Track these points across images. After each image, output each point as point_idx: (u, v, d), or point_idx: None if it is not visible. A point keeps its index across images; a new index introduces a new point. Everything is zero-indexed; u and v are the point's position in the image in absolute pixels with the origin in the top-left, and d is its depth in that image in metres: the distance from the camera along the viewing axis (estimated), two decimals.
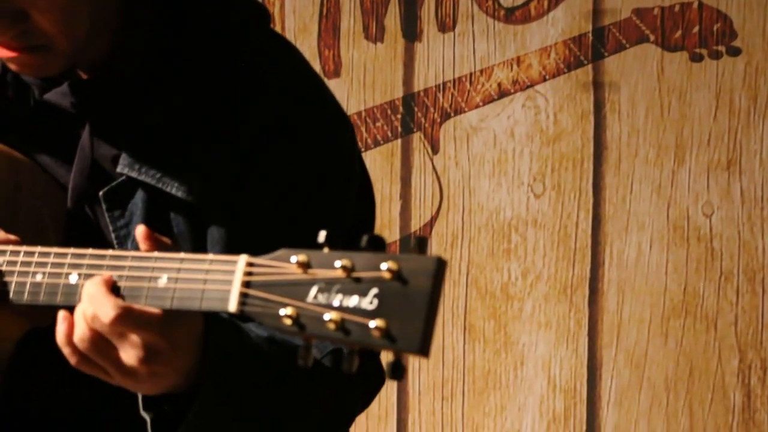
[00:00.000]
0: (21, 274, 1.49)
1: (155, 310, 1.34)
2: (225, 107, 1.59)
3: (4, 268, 1.51)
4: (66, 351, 1.39)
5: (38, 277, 1.47)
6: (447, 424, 2.42)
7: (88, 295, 1.36)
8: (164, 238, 1.39)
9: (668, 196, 2.32)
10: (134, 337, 1.35)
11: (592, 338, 2.35)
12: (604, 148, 2.38)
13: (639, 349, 2.30)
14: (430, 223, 2.46)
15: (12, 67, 1.57)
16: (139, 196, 1.58)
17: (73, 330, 1.37)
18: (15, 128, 1.64)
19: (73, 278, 1.43)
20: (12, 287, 1.49)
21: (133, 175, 1.57)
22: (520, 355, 2.38)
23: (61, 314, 1.39)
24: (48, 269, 1.46)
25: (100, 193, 1.58)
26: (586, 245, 2.36)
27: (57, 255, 1.46)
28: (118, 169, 1.58)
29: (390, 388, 2.45)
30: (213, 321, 1.41)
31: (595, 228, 2.37)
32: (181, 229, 1.57)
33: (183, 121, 1.58)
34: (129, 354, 1.35)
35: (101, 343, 1.36)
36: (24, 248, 1.50)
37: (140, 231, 1.38)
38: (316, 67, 2.50)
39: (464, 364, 2.42)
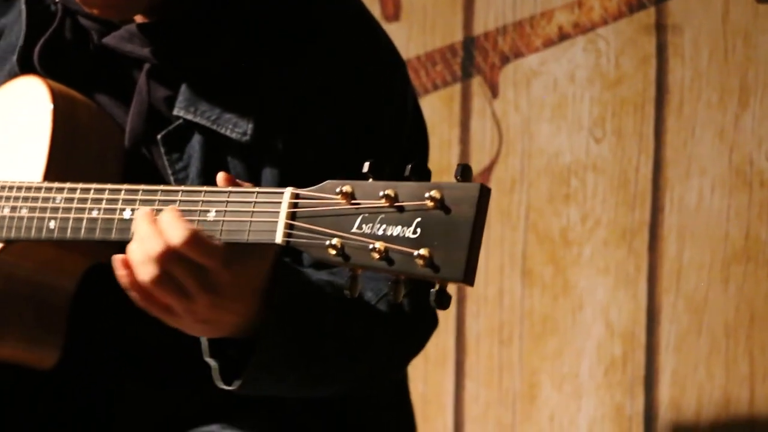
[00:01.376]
0: (78, 210, 1.53)
1: (219, 242, 1.36)
2: (278, 48, 1.60)
3: (61, 205, 1.54)
4: (132, 292, 1.41)
5: (94, 213, 1.51)
6: (504, 368, 2.42)
7: (162, 220, 1.37)
8: (246, 184, 1.40)
9: (731, 140, 2.27)
10: (198, 266, 1.37)
11: (652, 283, 2.32)
12: (666, 91, 2.34)
13: (699, 294, 2.27)
14: (489, 168, 2.45)
15: (94, 11, 1.59)
16: (196, 139, 1.60)
17: (136, 270, 1.39)
18: (75, 71, 1.67)
19: (127, 214, 1.46)
20: (70, 224, 1.53)
21: (189, 117, 1.59)
22: (578, 300, 2.37)
23: (119, 258, 1.41)
24: (103, 205, 1.50)
25: (159, 136, 1.61)
26: (647, 190, 2.33)
27: (111, 191, 1.49)
28: (174, 112, 1.60)
29: (448, 331, 2.45)
30: (278, 266, 1.43)
31: (655, 173, 2.33)
32: (237, 172, 1.59)
33: (237, 63, 1.60)
34: (191, 283, 1.37)
35: (165, 277, 1.38)
36: (80, 185, 1.53)
37: (220, 177, 1.40)
38: (376, 10, 2.49)
39: (522, 308, 2.41)
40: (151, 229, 1.38)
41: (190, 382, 1.66)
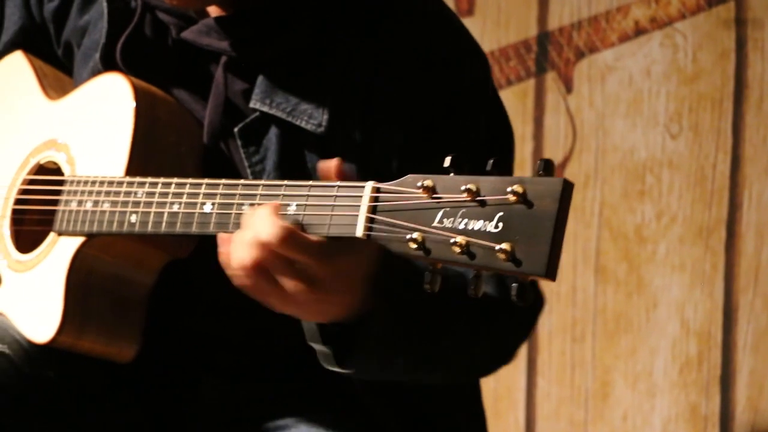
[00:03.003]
0: (159, 204, 1.54)
1: (316, 238, 1.36)
2: (352, 35, 1.60)
3: (143, 199, 1.56)
4: (230, 272, 1.41)
5: (175, 208, 1.52)
6: (577, 365, 2.40)
7: (258, 216, 1.38)
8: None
9: None
10: (295, 262, 1.37)
11: (729, 282, 2.29)
12: (745, 86, 2.30)
13: None
14: (563, 164, 2.43)
15: (174, 2, 1.61)
16: (273, 132, 1.61)
17: (234, 254, 1.39)
18: (153, 66, 1.69)
19: (207, 208, 1.47)
20: (151, 218, 1.54)
21: (265, 109, 1.60)
22: (652, 297, 2.35)
23: (223, 236, 1.41)
24: (184, 200, 1.51)
25: (235, 129, 1.62)
26: (724, 187, 2.30)
27: (192, 186, 1.50)
28: (251, 104, 1.61)
29: None
30: (385, 256, 1.42)
31: (733, 169, 2.30)
32: (313, 164, 1.59)
33: (312, 54, 1.60)
34: (287, 280, 1.37)
35: (260, 271, 1.38)
36: (161, 180, 1.54)
37: (330, 166, 1.39)
38: (450, 5, 2.48)
39: (595, 305, 2.39)
40: (248, 222, 1.38)
41: (265, 376, 1.67)
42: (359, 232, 1.30)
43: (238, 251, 1.38)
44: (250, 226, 1.37)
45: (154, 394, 1.74)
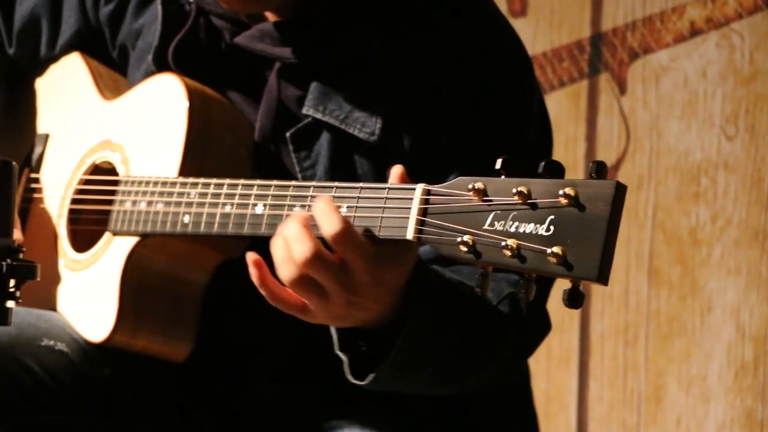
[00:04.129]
0: (211, 205, 1.55)
1: (370, 242, 1.35)
2: (405, 47, 1.60)
3: (196, 200, 1.57)
4: (263, 290, 1.41)
5: (227, 208, 1.53)
6: (629, 368, 2.38)
7: (316, 208, 1.37)
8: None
9: None
10: (344, 266, 1.36)
11: None
12: None
13: None
14: (616, 165, 2.41)
15: (230, 5, 1.62)
16: (325, 137, 1.61)
17: (278, 269, 1.39)
18: (208, 69, 1.70)
19: (259, 209, 1.47)
20: (203, 218, 1.55)
21: (318, 116, 1.61)
22: (707, 301, 2.32)
23: (252, 257, 1.40)
24: (236, 200, 1.52)
25: (287, 134, 1.62)
26: None
27: (244, 186, 1.51)
28: (303, 110, 1.62)
29: (572, 330, 2.43)
30: (419, 265, 1.42)
31: None
32: (364, 171, 1.59)
33: (365, 60, 1.61)
34: (333, 285, 1.37)
35: (306, 279, 1.37)
36: (214, 180, 1.55)
37: (396, 171, 1.38)
38: (502, 6, 2.47)
39: (648, 308, 2.37)
40: (302, 233, 1.36)
41: (318, 376, 1.67)
42: (410, 234, 1.30)
43: (285, 265, 1.37)
44: (304, 238, 1.35)
45: (207, 394, 1.75)
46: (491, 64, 1.61)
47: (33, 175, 1.87)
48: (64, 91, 1.90)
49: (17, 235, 1.67)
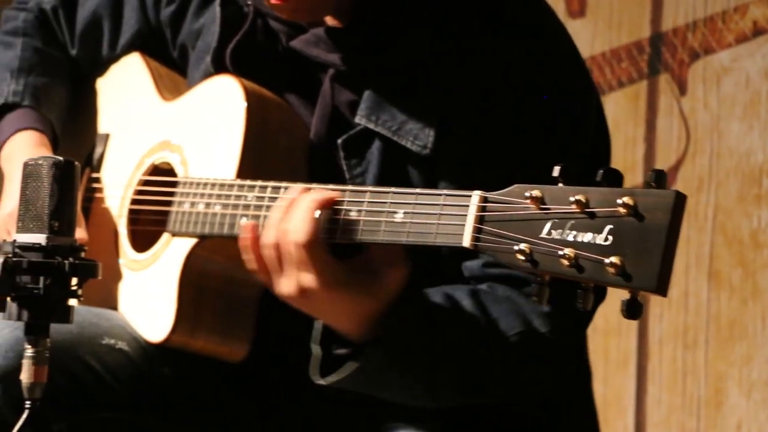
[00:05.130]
0: (268, 208, 1.55)
1: (332, 262, 1.41)
2: (459, 53, 1.59)
3: (253, 202, 1.58)
4: (247, 256, 1.46)
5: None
6: (689, 372, 2.36)
7: (297, 207, 1.43)
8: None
9: None
10: (303, 262, 1.43)
11: None
12: None
13: None
14: (676, 167, 2.39)
15: (283, 14, 1.62)
16: (376, 146, 1.61)
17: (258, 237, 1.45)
18: (265, 71, 1.71)
19: (316, 213, 1.47)
20: (260, 221, 1.56)
21: (370, 126, 1.60)
22: None
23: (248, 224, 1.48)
24: None
25: (339, 141, 1.62)
26: None
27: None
28: (356, 119, 1.61)
29: (630, 334, 2.41)
30: (400, 300, 1.45)
31: None
32: (415, 180, 1.59)
33: (420, 69, 1.60)
34: (288, 271, 1.44)
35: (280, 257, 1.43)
36: (271, 183, 1.56)
37: None
38: (561, 6, 2.46)
39: (708, 311, 2.34)
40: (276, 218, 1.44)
41: None
42: (466, 242, 1.30)
43: (267, 233, 1.44)
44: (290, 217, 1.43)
45: (263, 394, 1.76)
46: (546, 70, 1.59)
47: (94, 175, 1.89)
48: (125, 91, 1.92)
49: (81, 234, 1.69)
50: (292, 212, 1.45)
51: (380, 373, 1.48)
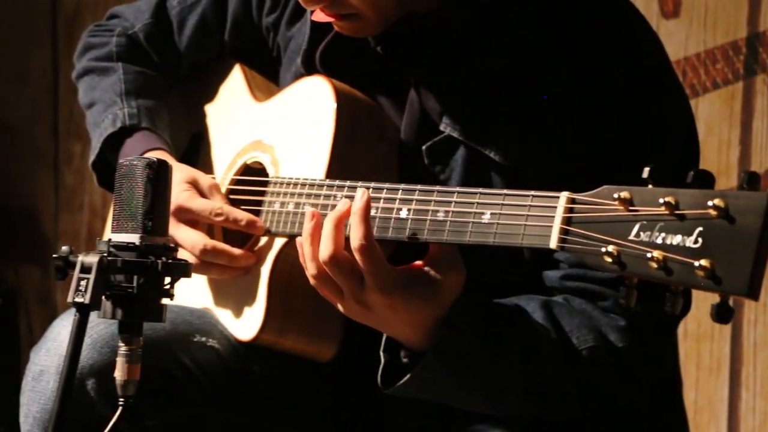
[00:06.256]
0: None
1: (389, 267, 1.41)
2: (546, 64, 1.58)
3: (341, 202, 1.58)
4: (306, 265, 1.47)
5: (372, 212, 1.54)
6: None
7: (353, 215, 1.44)
8: None
9: None
10: (362, 271, 1.43)
11: None
12: None
13: None
14: None
15: (335, 27, 1.64)
16: (460, 153, 1.61)
17: (313, 246, 1.45)
18: (355, 72, 1.72)
19: (403, 213, 1.48)
20: (347, 221, 1.57)
21: (455, 134, 1.60)
22: None
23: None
24: (380, 204, 1.52)
25: (423, 147, 1.63)
26: None
27: (389, 190, 1.51)
28: (441, 127, 1.62)
29: (723, 339, 2.36)
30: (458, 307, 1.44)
31: None
32: (498, 187, 1.57)
33: (503, 80, 1.59)
34: (347, 284, 1.44)
35: (340, 265, 1.44)
36: (360, 184, 1.56)
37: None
38: (654, 7, 2.42)
39: None
40: (330, 233, 1.44)
41: None
42: (553, 243, 1.29)
43: (322, 243, 1.45)
44: (325, 237, 1.45)
45: (350, 394, 1.77)
46: (635, 74, 1.57)
47: None
48: (218, 92, 1.95)
49: (222, 200, 1.72)
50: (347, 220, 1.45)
51: (438, 380, 1.48)
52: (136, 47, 1.93)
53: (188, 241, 1.70)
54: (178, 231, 1.71)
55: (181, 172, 1.75)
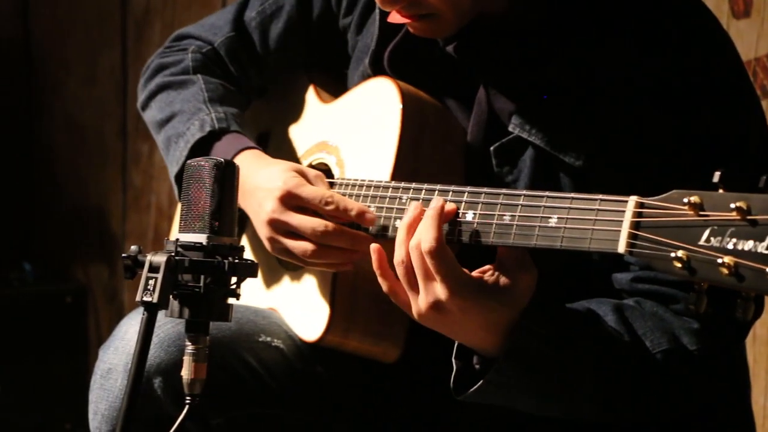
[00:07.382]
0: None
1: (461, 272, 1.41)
2: (617, 67, 1.56)
3: (407, 205, 1.58)
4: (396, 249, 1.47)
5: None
6: None
7: (426, 215, 1.44)
8: None
9: None
10: (429, 275, 1.43)
11: None
12: None
13: None
14: None
15: (410, 29, 1.64)
16: (529, 154, 1.60)
17: (409, 233, 1.46)
18: (423, 73, 1.72)
19: (469, 216, 1.47)
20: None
21: (524, 135, 1.59)
22: None
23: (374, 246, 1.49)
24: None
25: (491, 148, 1.62)
26: None
27: (455, 193, 1.51)
28: (510, 128, 1.61)
29: None
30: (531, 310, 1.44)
31: None
32: (567, 189, 1.57)
33: (575, 81, 1.58)
34: (423, 279, 1.44)
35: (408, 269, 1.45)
36: (425, 186, 1.56)
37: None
38: (724, 6, 2.38)
39: None
40: (431, 223, 1.44)
41: None
42: (621, 248, 1.28)
43: (421, 232, 1.44)
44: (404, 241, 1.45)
45: (414, 396, 1.77)
46: (709, 78, 1.55)
47: None
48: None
49: (325, 188, 1.69)
50: (418, 227, 1.45)
51: (510, 385, 1.47)
52: (213, 62, 1.92)
53: (307, 225, 1.62)
54: (291, 217, 1.64)
55: (286, 163, 1.71)
